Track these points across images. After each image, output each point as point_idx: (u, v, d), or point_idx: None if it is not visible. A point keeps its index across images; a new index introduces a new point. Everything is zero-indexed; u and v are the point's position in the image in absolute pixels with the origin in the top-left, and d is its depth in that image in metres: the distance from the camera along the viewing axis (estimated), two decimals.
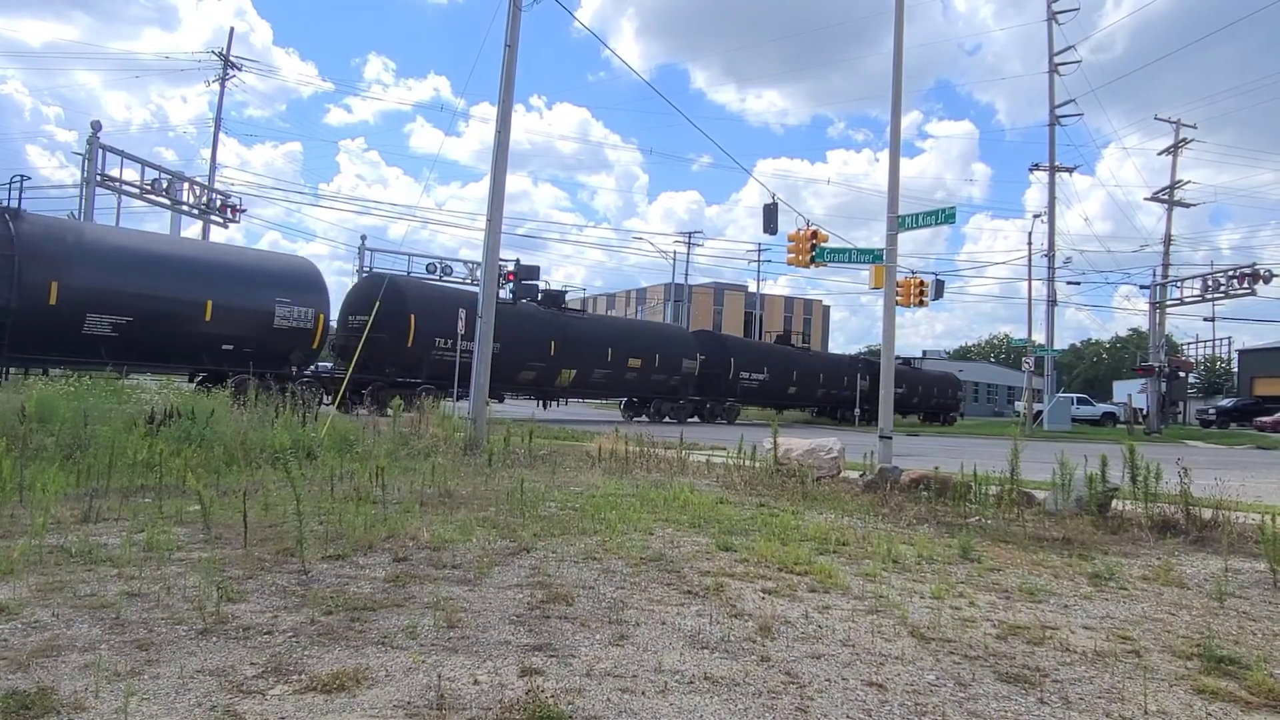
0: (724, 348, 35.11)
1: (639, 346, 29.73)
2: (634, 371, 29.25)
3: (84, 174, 22.12)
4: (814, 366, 40.79)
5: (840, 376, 41.64)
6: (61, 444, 7.98)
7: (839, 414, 42.22)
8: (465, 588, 4.21)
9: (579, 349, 27.61)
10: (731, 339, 41.43)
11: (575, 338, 27.56)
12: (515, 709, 2.68)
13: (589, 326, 29.31)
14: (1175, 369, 42.97)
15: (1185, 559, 5.98)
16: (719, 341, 36.47)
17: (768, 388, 36.32)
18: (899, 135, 11.81)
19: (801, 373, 38.98)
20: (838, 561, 5.25)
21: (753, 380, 35.21)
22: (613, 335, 30.39)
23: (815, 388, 40.08)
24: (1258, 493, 9.12)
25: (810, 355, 43.93)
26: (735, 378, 34.28)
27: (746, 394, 35.70)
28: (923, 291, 16.30)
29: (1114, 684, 3.20)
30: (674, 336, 34.46)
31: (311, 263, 22.51)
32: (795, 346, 43.30)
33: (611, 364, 28.84)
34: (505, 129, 13.36)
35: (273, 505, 6.09)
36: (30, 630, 3.29)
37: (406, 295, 23.07)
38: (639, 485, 8.53)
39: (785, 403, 40.24)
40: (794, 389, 38.60)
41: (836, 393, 41.47)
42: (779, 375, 37.02)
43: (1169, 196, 41.16)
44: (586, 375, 28.04)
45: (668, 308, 63.38)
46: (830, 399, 41.80)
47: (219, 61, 35.33)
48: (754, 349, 39.45)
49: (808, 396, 40.65)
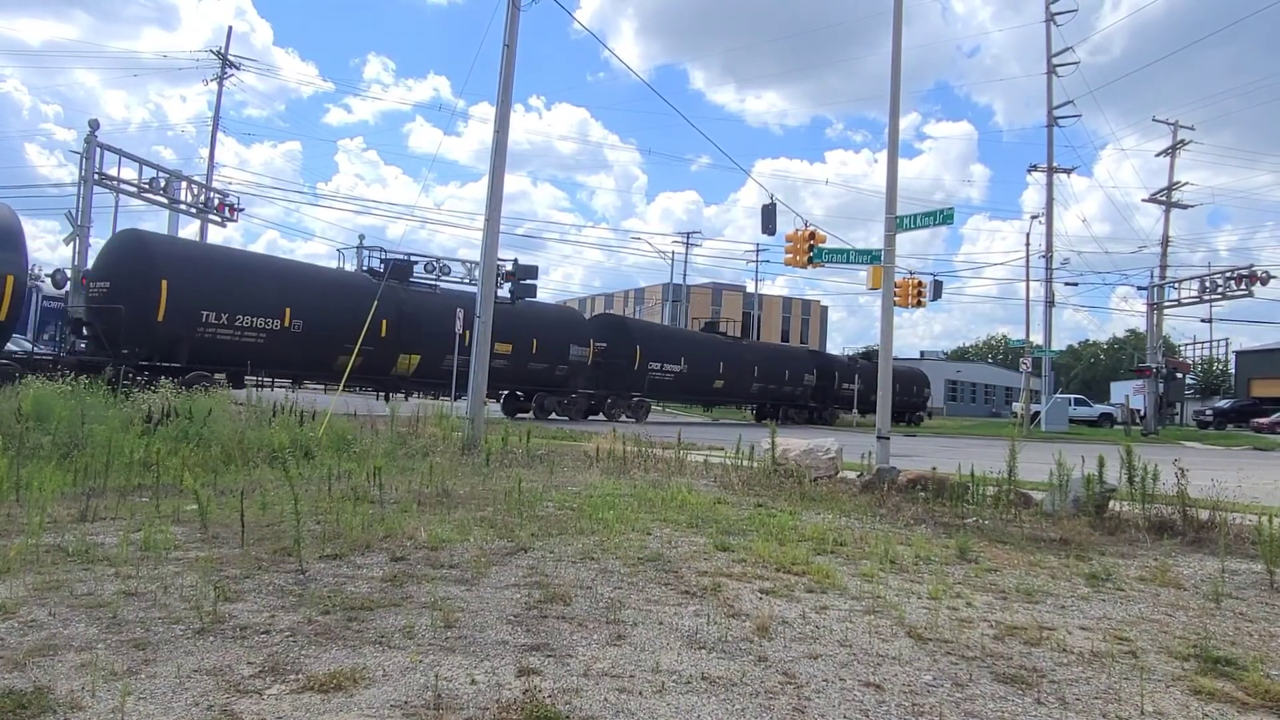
0: (628, 334, 30.38)
1: (509, 330, 23.82)
2: (502, 359, 24.00)
3: (81, 172, 22.07)
4: (747, 358, 35.68)
5: (782, 370, 37.03)
6: (58, 443, 7.97)
7: (782, 412, 37.58)
8: (463, 587, 4.20)
9: (423, 330, 22.52)
10: (638, 324, 36.44)
11: (417, 316, 22.63)
12: (512, 709, 2.68)
13: (441, 304, 23.29)
14: (1172, 370, 43.02)
15: (1182, 560, 5.99)
16: (621, 327, 31.40)
17: (685, 381, 32.04)
18: (897, 136, 11.83)
19: (731, 364, 34.16)
20: (835, 562, 5.26)
21: (665, 372, 30.73)
22: None
23: (749, 382, 35.40)
24: (1254, 494, 9.14)
25: (744, 346, 38.24)
26: (643, 369, 29.56)
27: (658, 388, 31.14)
28: (921, 292, 16.30)
29: (1111, 684, 3.21)
30: (559, 320, 28.98)
31: (7, 207, 17.21)
32: (725, 336, 38.15)
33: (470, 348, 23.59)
34: (503, 129, 13.36)
35: (270, 505, 6.09)
36: (27, 629, 3.28)
37: (156, 255, 18.31)
38: (636, 485, 8.53)
39: (711, 398, 36.18)
40: (720, 383, 33.98)
41: (777, 388, 36.84)
42: (701, 367, 32.65)
43: (1167, 198, 41.22)
44: (435, 362, 22.30)
45: (666, 308, 63.36)
46: (770, 395, 37.04)
47: (217, 60, 35.32)
48: (667, 336, 35.26)
49: (739, 392, 36.05)
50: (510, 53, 13.38)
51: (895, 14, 11.84)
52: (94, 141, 21.92)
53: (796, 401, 38.37)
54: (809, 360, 40.16)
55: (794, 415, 38.37)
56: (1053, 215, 38.75)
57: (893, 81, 11.75)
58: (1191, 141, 41.60)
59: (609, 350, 29.00)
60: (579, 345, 27.66)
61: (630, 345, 29.69)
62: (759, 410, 38.79)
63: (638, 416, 29.08)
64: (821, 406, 39.66)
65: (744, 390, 35.93)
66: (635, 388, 29.66)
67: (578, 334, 28.16)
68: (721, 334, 37.98)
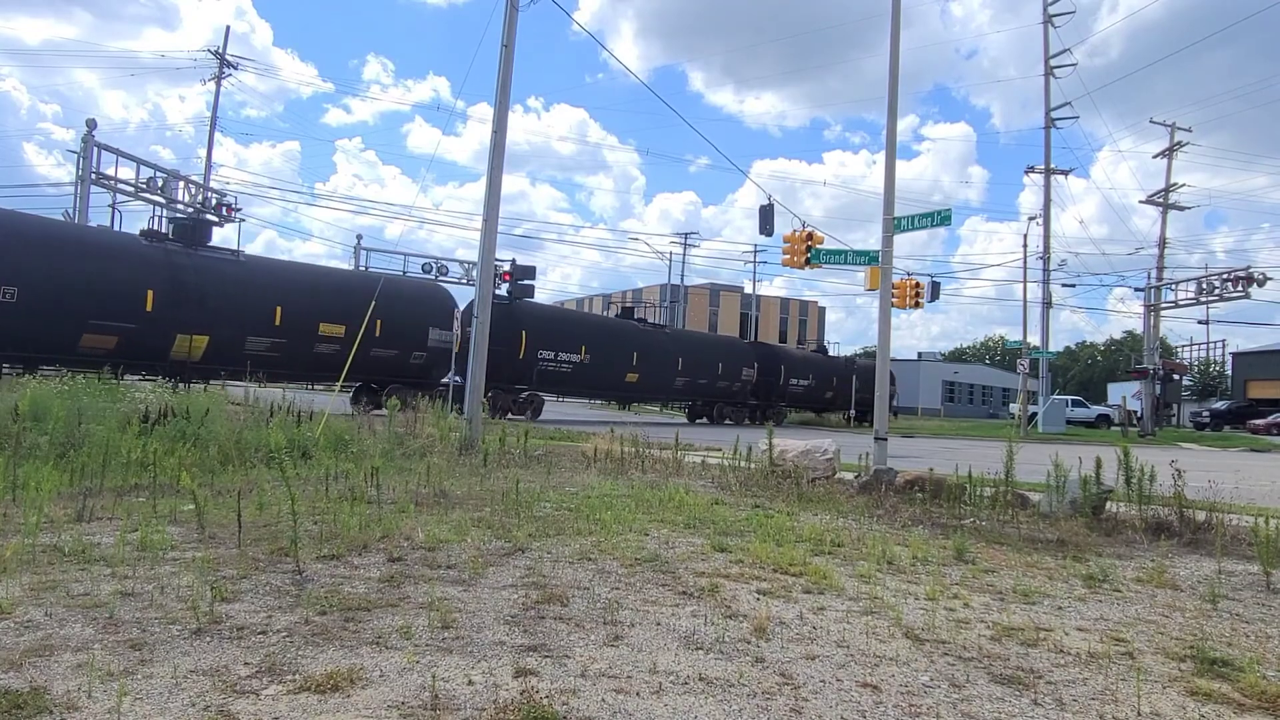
0: (511, 317, 24.14)
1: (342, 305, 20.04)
2: (331, 343, 20.17)
3: (79, 172, 22.06)
4: (669, 348, 30.67)
5: (714, 363, 32.36)
6: (55, 442, 7.94)
7: (717, 410, 33.61)
8: (460, 588, 4.20)
9: (213, 305, 18.44)
10: (524, 304, 26.64)
11: (204, 288, 18.49)
12: (510, 710, 2.67)
13: (244, 275, 19.28)
14: (1169, 371, 43.13)
15: (1179, 561, 6.00)
16: (502, 308, 22.84)
17: (587, 373, 26.96)
18: (895, 138, 11.84)
19: (649, 355, 28.91)
20: (833, 563, 5.26)
21: (561, 363, 25.90)
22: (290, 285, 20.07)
23: (672, 376, 30.33)
24: (1251, 495, 9.17)
25: (666, 335, 32.64)
26: (531, 358, 25.04)
27: (552, 380, 26.55)
28: (918, 293, 16.31)
29: (1108, 685, 3.21)
30: (416, 297, 23.90)
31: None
32: (643, 323, 32.41)
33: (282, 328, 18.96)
34: (502, 129, 13.35)
35: (267, 505, 6.08)
36: (23, 629, 3.27)
37: None
38: (634, 486, 8.53)
39: (625, 394, 30.81)
40: (634, 376, 28.33)
41: (709, 383, 32.23)
42: (608, 357, 27.56)
43: (1164, 199, 41.33)
44: (232, 345, 18.78)
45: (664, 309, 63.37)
46: (701, 391, 32.47)
47: (216, 60, 35.31)
48: (563, 321, 29.13)
49: (659, 386, 30.93)
50: (509, 53, 13.38)
51: (893, 16, 11.86)
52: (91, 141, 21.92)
53: (734, 399, 34.13)
54: (749, 352, 35.58)
55: (731, 414, 34.18)
56: (1050, 217, 38.88)
57: (891, 83, 11.77)
58: (1188, 143, 41.80)
59: (492, 338, 23.58)
60: (442, 329, 22.37)
61: (514, 330, 24.31)
62: (691, 409, 34.66)
63: (529, 413, 25.21)
64: (765, 404, 35.58)
65: (666, 385, 31.17)
66: (521, 380, 24.96)
67: (442, 315, 22.74)
68: (640, 321, 32.62)
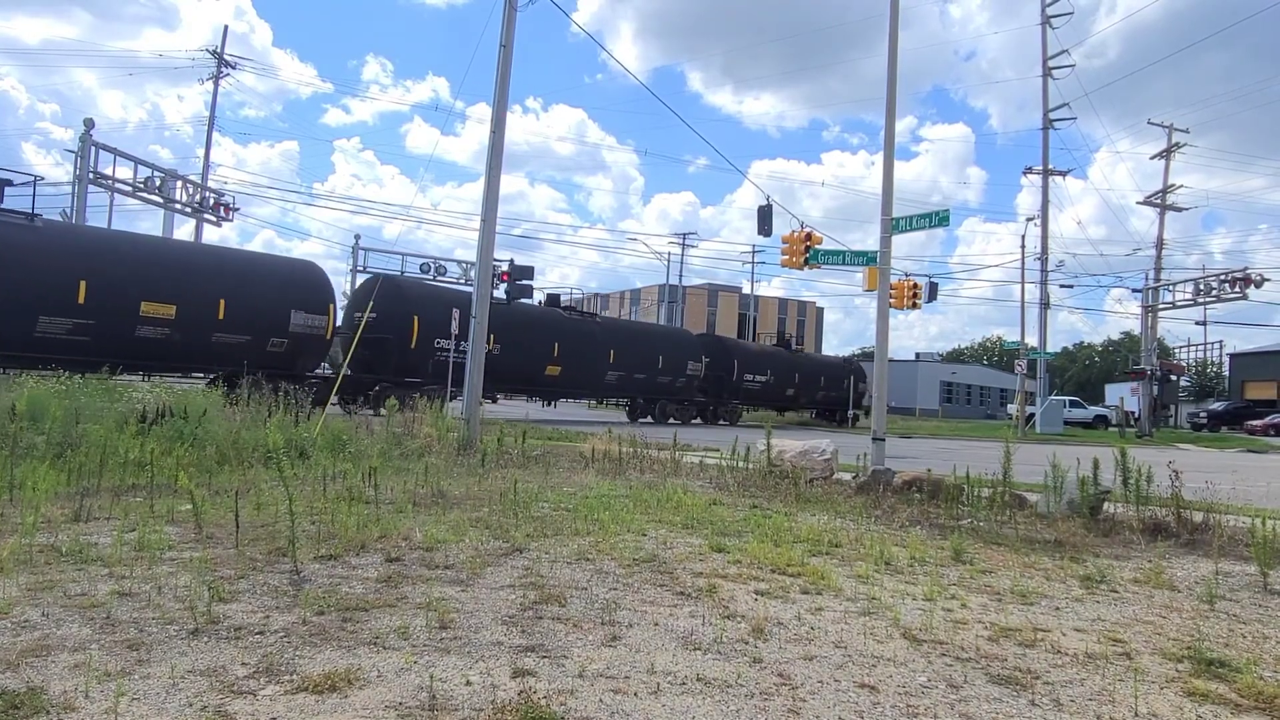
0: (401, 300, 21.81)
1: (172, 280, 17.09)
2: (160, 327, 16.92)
3: (76, 171, 22.04)
4: (599, 339, 27.56)
5: (653, 356, 29.24)
6: (52, 442, 7.93)
7: (659, 408, 30.57)
8: (458, 588, 4.20)
9: None
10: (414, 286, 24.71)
11: None
12: (507, 710, 2.67)
13: None
14: (1167, 372, 43.18)
15: (1176, 562, 6.01)
16: (393, 292, 22.05)
17: (498, 365, 22.04)
18: (893, 139, 11.86)
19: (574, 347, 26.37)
20: (830, 563, 5.26)
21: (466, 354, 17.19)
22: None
23: (602, 369, 27.47)
24: (1248, 496, 9.18)
25: (596, 325, 28.88)
26: (426, 348, 22.00)
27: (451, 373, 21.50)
28: (916, 294, 16.35)
29: (1105, 686, 3.21)
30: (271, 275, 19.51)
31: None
32: (570, 311, 28.79)
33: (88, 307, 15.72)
34: (500, 129, 13.35)
35: (265, 505, 6.07)
36: (20, 630, 3.27)
37: None
38: (632, 486, 8.53)
39: (546, 389, 27.39)
40: (556, 369, 25.91)
41: (647, 378, 29.00)
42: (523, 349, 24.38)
43: (1161, 200, 41.37)
44: (24, 325, 15.21)
45: (662, 309, 63.35)
46: (639, 386, 29.22)
47: (214, 60, 35.28)
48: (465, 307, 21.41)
49: (586, 381, 28.13)
50: (507, 53, 13.38)
51: (891, 18, 11.88)
52: (89, 140, 21.89)
53: (679, 395, 31.26)
54: (696, 345, 32.70)
55: (676, 412, 31.15)
56: (1048, 217, 38.95)
57: (889, 84, 11.78)
58: (1186, 145, 41.82)
59: (374, 322, 20.39)
60: (311, 313, 18.92)
61: (404, 315, 21.44)
62: (632, 406, 31.58)
63: None
64: (716, 402, 33.31)
65: (594, 380, 28.19)
66: (415, 372, 21.59)
67: (311, 297, 19.31)
68: (567, 309, 28.94)
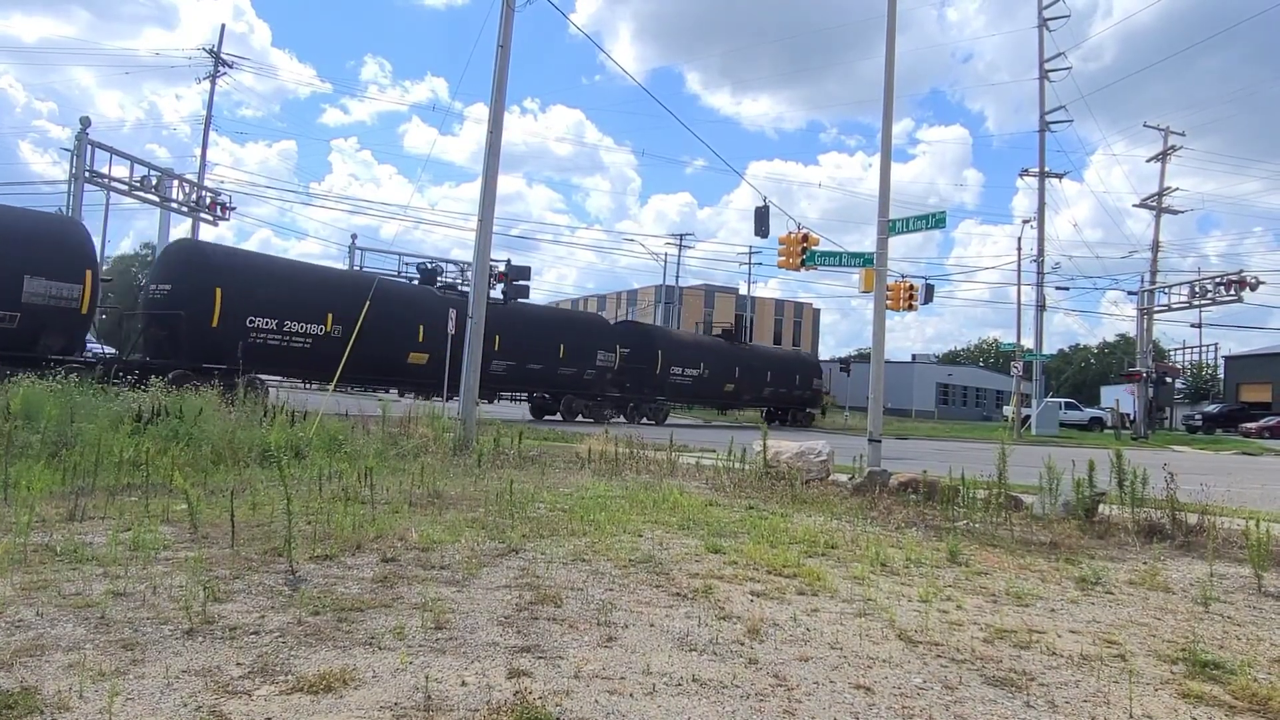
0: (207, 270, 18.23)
1: None
2: None
3: (72, 170, 21.98)
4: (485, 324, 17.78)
5: (554, 345, 25.82)
6: (47, 442, 7.91)
7: (565, 404, 27.48)
8: (453, 589, 4.19)
9: None
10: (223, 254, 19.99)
11: None
12: (503, 710, 2.67)
13: None
14: (1162, 374, 43.31)
15: (1171, 564, 6.02)
16: (199, 262, 18.63)
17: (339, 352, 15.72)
18: (890, 140, 11.88)
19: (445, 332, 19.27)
20: (826, 564, 5.26)
21: (289, 337, 19.22)
22: None
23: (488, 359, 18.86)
24: (1243, 498, 9.21)
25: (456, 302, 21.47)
26: (237, 329, 18.27)
27: (276, 358, 19.48)
28: (912, 295, 16.37)
29: (1100, 688, 3.22)
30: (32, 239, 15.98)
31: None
32: (443, 289, 24.86)
33: None
34: (497, 130, 13.34)
35: (260, 505, 6.06)
36: (14, 629, 3.26)
37: None
38: (628, 487, 8.53)
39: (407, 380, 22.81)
40: (422, 357, 21.77)
41: (546, 369, 25.67)
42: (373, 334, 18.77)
43: (1157, 203, 41.49)
44: None
45: (659, 309, 63.33)
46: (539, 379, 25.98)
47: (211, 59, 35.21)
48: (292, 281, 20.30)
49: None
50: (504, 53, 13.37)
51: (889, 20, 11.90)
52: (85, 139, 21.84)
53: (588, 390, 27.59)
54: (610, 333, 29.14)
55: (586, 409, 27.64)
56: (1044, 220, 39.05)
57: (887, 87, 11.81)
58: (1182, 147, 41.97)
59: (168, 295, 17.44)
60: (56, 280, 15.61)
61: (204, 288, 17.74)
62: (532, 401, 28.02)
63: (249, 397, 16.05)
64: (636, 398, 29.85)
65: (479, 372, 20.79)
66: (215, 356, 17.60)
67: (58, 260, 15.82)
68: (441, 288, 24.66)
